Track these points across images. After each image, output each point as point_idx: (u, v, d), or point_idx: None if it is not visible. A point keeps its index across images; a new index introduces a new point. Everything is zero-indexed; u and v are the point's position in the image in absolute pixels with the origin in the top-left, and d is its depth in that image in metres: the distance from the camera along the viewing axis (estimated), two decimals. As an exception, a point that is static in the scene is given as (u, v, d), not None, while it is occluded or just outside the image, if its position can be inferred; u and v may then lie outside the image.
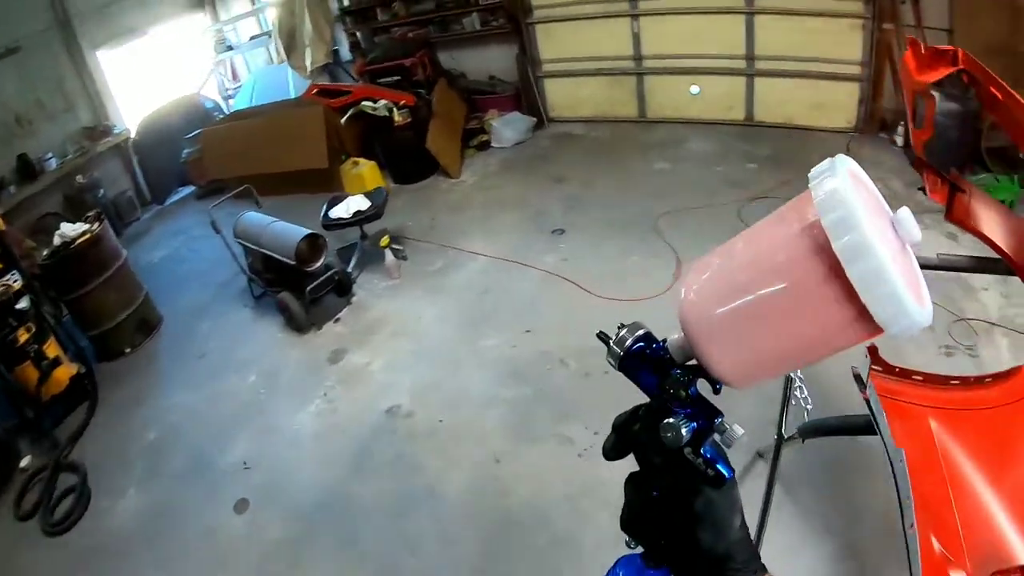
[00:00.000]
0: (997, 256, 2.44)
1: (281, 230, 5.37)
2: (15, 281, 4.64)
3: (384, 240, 5.90)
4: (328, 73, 9.64)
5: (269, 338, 5.39)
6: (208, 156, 8.36)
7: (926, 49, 2.49)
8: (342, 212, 5.97)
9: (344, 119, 7.61)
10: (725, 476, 0.93)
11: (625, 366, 1.00)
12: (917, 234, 0.81)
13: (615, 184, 7.10)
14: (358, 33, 9.63)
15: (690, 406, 0.95)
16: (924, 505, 1.85)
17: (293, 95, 9.13)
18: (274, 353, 5.20)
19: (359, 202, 6.05)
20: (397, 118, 7.58)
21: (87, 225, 5.39)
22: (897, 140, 7.13)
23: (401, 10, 9.22)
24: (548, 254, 5.90)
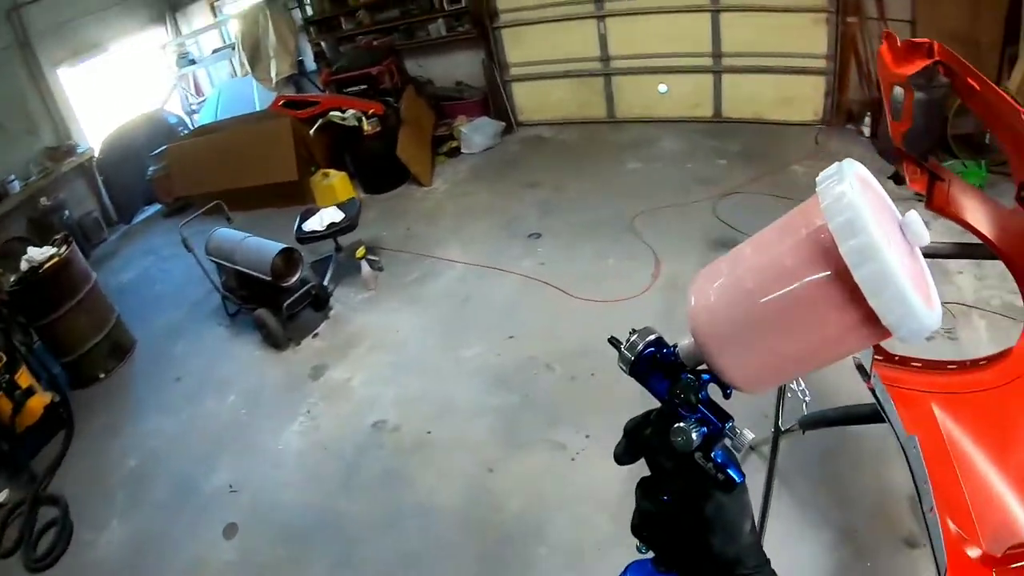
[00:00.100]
0: (978, 241, 2.48)
1: (255, 246, 5.29)
2: (-18, 310, 4.54)
3: (360, 251, 5.84)
4: (294, 84, 9.58)
5: (247, 356, 5.30)
6: (174, 173, 8.24)
7: (902, 42, 2.51)
8: (316, 225, 5.89)
9: (313, 130, 7.51)
10: (736, 480, 0.93)
11: (636, 371, 1.01)
12: (926, 237, 0.81)
13: (588, 186, 7.11)
14: (323, 43, 9.53)
15: (700, 411, 0.95)
16: (935, 488, 1.88)
17: (259, 108, 9.07)
18: (253, 372, 5.11)
19: (332, 214, 5.98)
20: (366, 127, 7.50)
21: (55, 248, 5.27)
22: (864, 131, 7.26)
23: (366, 18, 9.18)
24: (525, 259, 5.89)
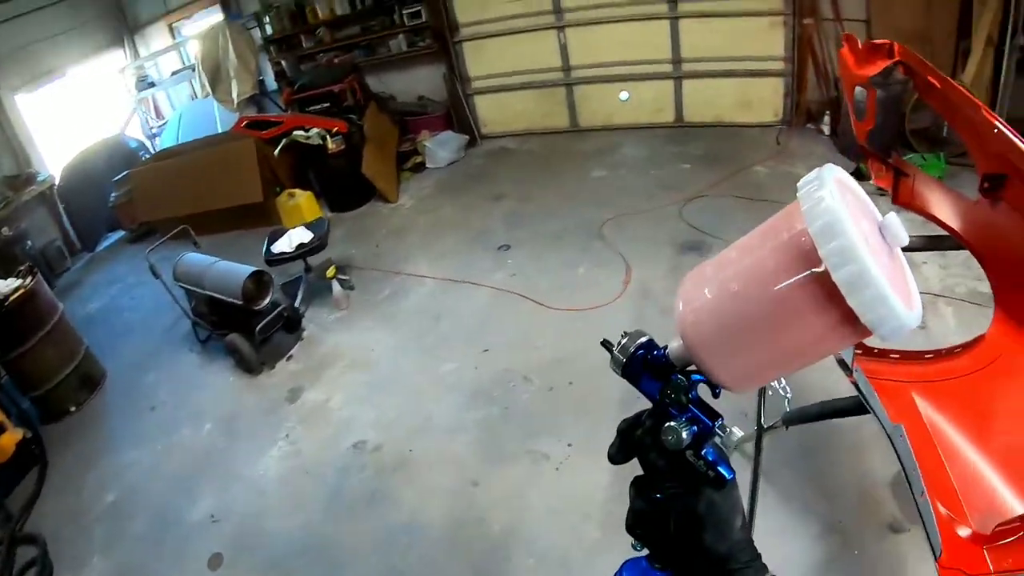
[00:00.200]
0: (944, 233, 2.55)
1: (224, 270, 5.24)
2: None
3: (330, 271, 5.81)
4: (256, 104, 9.52)
5: (221, 383, 5.24)
6: (137, 198, 8.14)
7: (863, 44, 2.58)
8: (285, 246, 5.86)
9: (277, 150, 7.46)
10: (726, 477, 0.96)
11: (627, 372, 1.04)
12: (904, 238, 0.84)
13: (554, 196, 7.18)
14: (283, 62, 9.50)
15: (691, 410, 0.98)
16: (922, 474, 1.94)
17: (221, 129, 8.99)
18: (228, 398, 5.06)
19: (301, 234, 5.96)
20: (331, 146, 7.49)
21: (19, 280, 5.16)
22: (824, 129, 7.46)
23: (326, 36, 9.16)
24: (496, 271, 5.92)
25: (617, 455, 1.09)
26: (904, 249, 0.87)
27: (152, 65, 10.40)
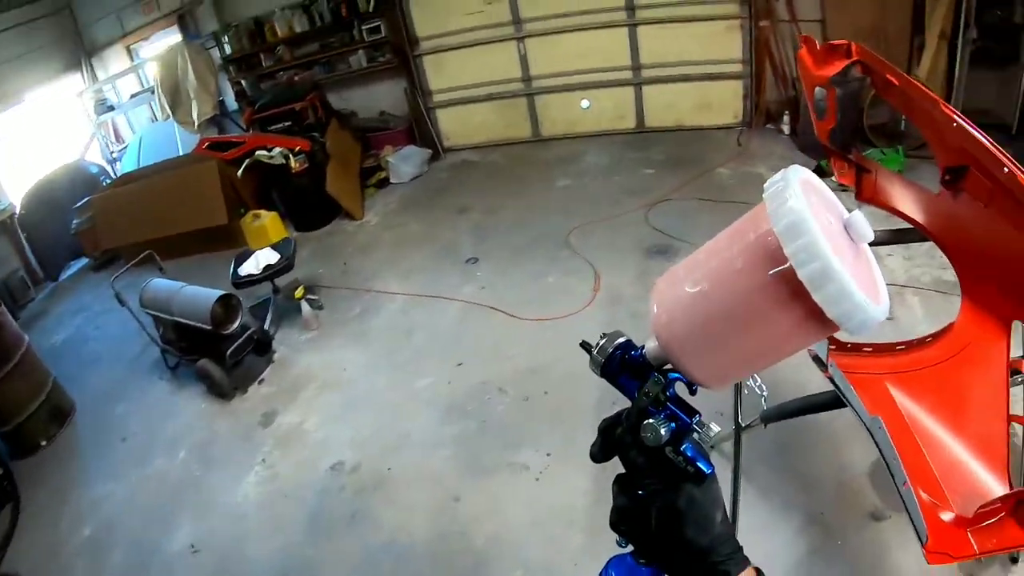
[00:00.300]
0: (908, 226, 2.62)
1: (192, 295, 5.20)
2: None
3: (299, 292, 5.81)
4: (216, 125, 9.43)
5: (193, 410, 5.20)
6: (100, 224, 8.02)
7: (821, 45, 2.62)
8: (252, 268, 5.83)
9: (240, 171, 7.42)
10: (705, 472, 0.98)
11: (606, 372, 1.06)
12: (869, 235, 0.87)
13: (520, 206, 7.24)
14: (243, 81, 9.42)
15: (668, 407, 1.00)
16: (903, 463, 1.99)
17: (182, 152, 8.93)
18: (201, 425, 5.02)
19: (268, 255, 5.93)
20: (294, 164, 7.47)
21: (-18, 314, 5.10)
22: (784, 129, 7.64)
23: (285, 54, 9.14)
24: (465, 285, 5.96)
25: (599, 453, 1.10)
26: (870, 243, 0.90)
27: (111, 88, 10.28)
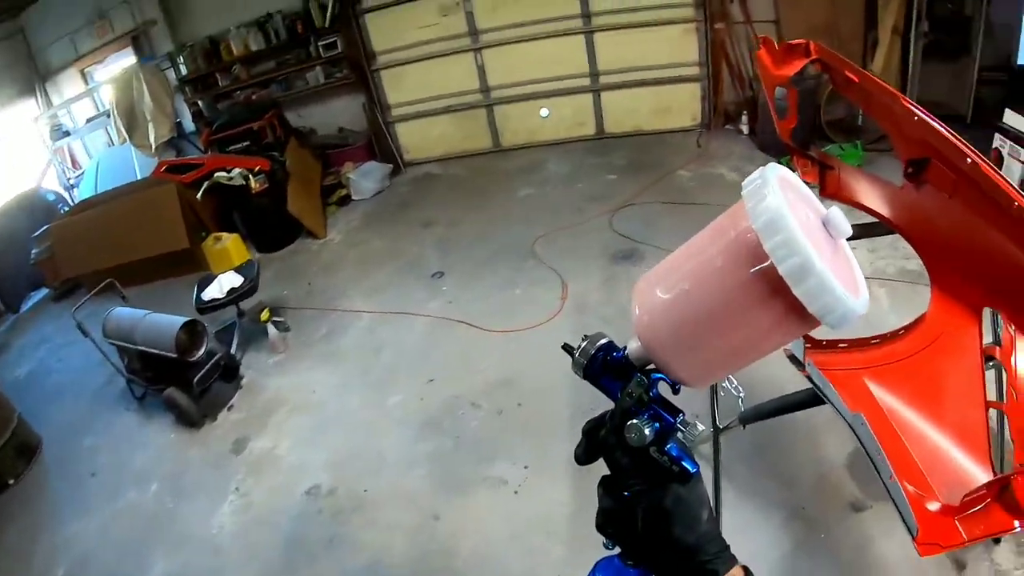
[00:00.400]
0: (875, 220, 2.65)
1: (155, 323, 5.12)
2: None
3: (264, 314, 5.76)
4: (174, 148, 9.32)
5: (162, 440, 5.12)
6: (59, 253, 7.88)
7: (780, 45, 2.65)
8: (215, 292, 5.77)
9: (199, 194, 7.34)
10: (690, 471, 0.99)
11: (589, 374, 1.07)
12: (847, 229, 0.88)
13: (484, 217, 7.27)
14: (200, 102, 9.33)
15: (652, 407, 1.01)
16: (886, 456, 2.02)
17: (140, 176, 8.81)
18: (172, 456, 4.95)
19: (231, 279, 5.88)
20: (254, 185, 7.39)
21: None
22: (743, 129, 7.81)
23: (242, 73, 9.07)
24: (432, 300, 5.97)
25: (583, 456, 1.11)
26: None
27: (66, 113, 10.13)
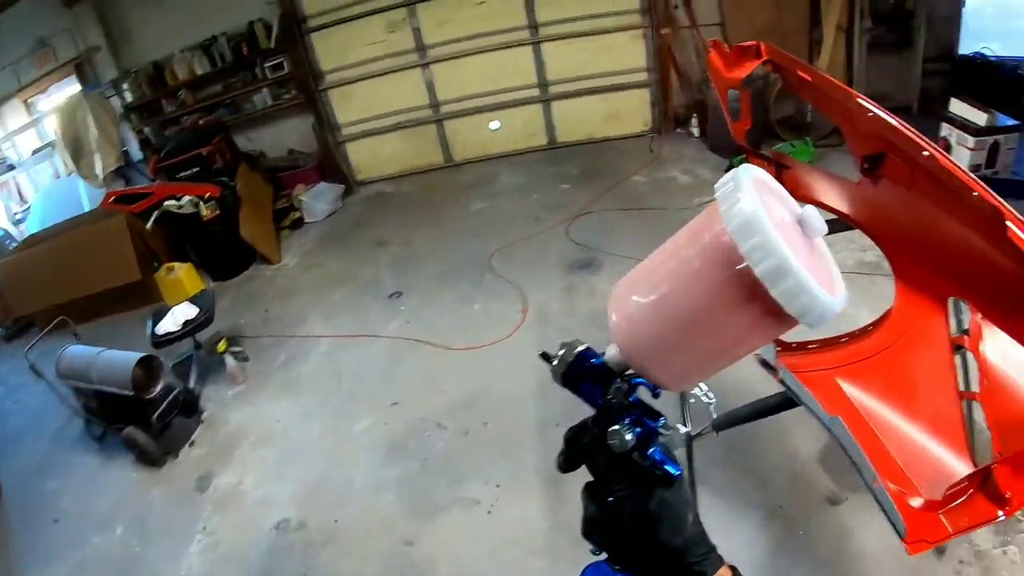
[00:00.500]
0: (834, 217, 2.66)
1: (110, 360, 5.01)
2: None
3: (221, 345, 5.70)
4: (123, 177, 9.14)
5: (125, 481, 5.02)
6: (8, 292, 7.72)
7: (731, 48, 2.68)
8: (170, 325, 5.64)
9: (149, 223, 7.23)
10: (673, 475, 0.99)
11: (567, 381, 1.06)
12: (822, 228, 0.90)
13: (439, 234, 7.28)
14: (146, 129, 9.19)
15: (633, 412, 1.01)
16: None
17: (89, 207, 8.65)
18: (135, 497, 4.85)
19: (186, 310, 5.76)
20: (205, 212, 7.29)
21: None
22: (694, 131, 7.97)
23: (188, 98, 8.96)
24: (391, 320, 5.96)
25: (564, 463, 1.11)
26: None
27: (11, 146, 9.92)
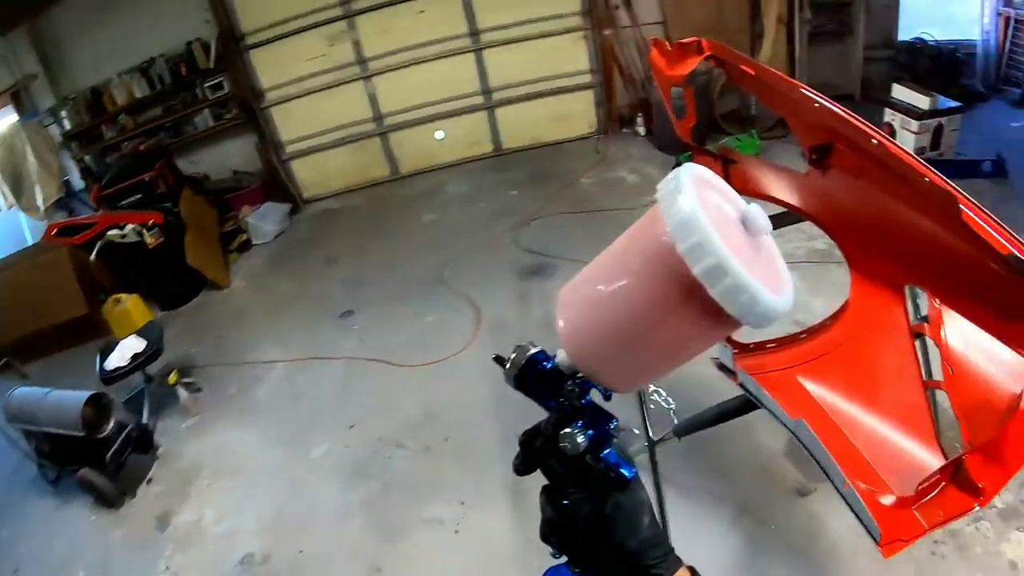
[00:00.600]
0: (784, 210, 2.69)
1: (59, 400, 4.90)
2: None
3: (172, 376, 5.60)
4: (65, 208, 8.90)
5: (83, 524, 4.92)
6: (-49, 332, 7.59)
7: (672, 46, 2.68)
8: (118, 360, 5.52)
9: (93, 255, 7.10)
10: (627, 477, 0.99)
11: (520, 385, 1.08)
12: (766, 227, 0.89)
13: (389, 248, 7.28)
14: (87, 157, 8.96)
15: (585, 415, 1.02)
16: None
17: (31, 241, 8.46)
18: (94, 540, 4.75)
19: (133, 344, 5.63)
20: (149, 240, 7.11)
21: None
22: (639, 130, 8.06)
23: (128, 122, 8.77)
24: (345, 340, 5.94)
25: (520, 466, 1.11)
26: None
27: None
